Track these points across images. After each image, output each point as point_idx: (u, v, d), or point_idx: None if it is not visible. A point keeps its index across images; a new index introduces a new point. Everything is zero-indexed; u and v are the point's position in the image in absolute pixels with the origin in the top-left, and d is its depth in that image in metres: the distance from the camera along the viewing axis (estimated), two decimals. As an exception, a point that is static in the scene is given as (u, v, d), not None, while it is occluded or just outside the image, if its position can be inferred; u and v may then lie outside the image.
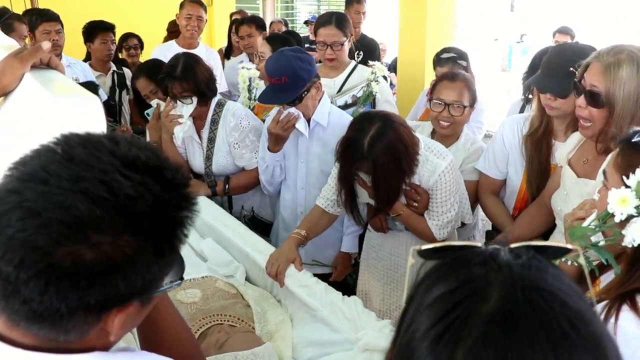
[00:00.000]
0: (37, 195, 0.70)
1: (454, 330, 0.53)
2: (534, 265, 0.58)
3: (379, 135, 1.93)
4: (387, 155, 1.92)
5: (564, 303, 0.54)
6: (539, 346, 0.51)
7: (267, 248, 2.20)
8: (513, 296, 0.54)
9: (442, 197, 2.12)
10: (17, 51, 1.24)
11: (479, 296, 0.55)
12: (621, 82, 1.60)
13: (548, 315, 0.53)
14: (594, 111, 1.67)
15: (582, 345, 0.53)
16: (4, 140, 1.18)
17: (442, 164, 2.08)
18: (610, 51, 1.65)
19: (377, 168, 1.93)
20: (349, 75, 3.12)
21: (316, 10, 13.25)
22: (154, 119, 2.88)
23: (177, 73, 2.59)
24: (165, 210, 0.76)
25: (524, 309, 0.53)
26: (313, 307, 1.89)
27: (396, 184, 2.02)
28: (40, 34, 3.79)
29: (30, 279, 0.69)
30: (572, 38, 5.66)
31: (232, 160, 2.77)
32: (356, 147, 1.94)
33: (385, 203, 2.08)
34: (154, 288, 0.80)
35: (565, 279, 0.58)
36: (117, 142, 0.78)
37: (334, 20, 3.05)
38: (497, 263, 0.57)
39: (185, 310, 1.95)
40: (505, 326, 0.52)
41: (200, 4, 4.06)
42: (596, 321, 0.56)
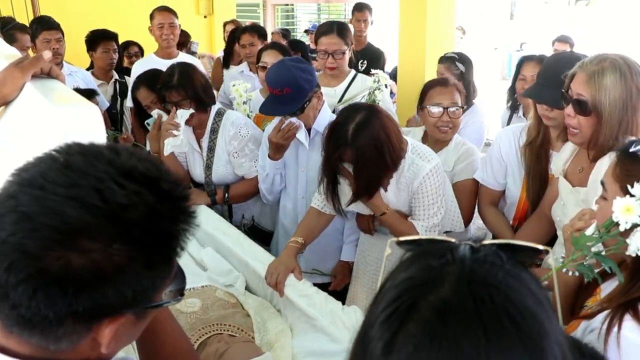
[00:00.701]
0: (32, 201, 0.70)
1: (400, 313, 0.58)
2: (489, 261, 0.60)
3: (363, 123, 1.96)
4: (370, 142, 1.94)
5: (508, 298, 0.57)
6: (474, 336, 0.54)
7: (267, 257, 2.20)
8: (459, 288, 0.57)
9: (428, 201, 2.12)
10: (17, 61, 1.24)
11: (430, 285, 0.58)
12: (606, 90, 1.63)
13: (488, 308, 0.55)
14: (582, 119, 1.69)
15: (519, 341, 0.55)
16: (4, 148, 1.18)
17: (427, 167, 2.09)
18: (594, 60, 1.68)
19: (359, 155, 1.95)
20: (349, 84, 3.13)
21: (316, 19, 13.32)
22: (154, 129, 2.88)
23: (173, 82, 2.60)
24: (159, 221, 0.75)
25: (466, 301, 0.56)
26: (313, 317, 1.88)
27: (377, 174, 2.02)
28: (40, 43, 3.80)
29: (19, 283, 0.69)
30: (572, 47, 5.68)
31: (231, 169, 2.76)
32: (340, 133, 1.97)
33: (363, 191, 2.06)
34: (146, 300, 0.78)
35: (524, 278, 0.60)
36: (118, 152, 0.78)
37: (335, 29, 3.06)
38: (453, 256, 0.61)
39: (185, 320, 1.95)
40: (445, 315, 0.55)
41: (169, 11, 3.96)
42: (543, 321, 0.57)
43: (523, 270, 0.62)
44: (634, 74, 1.64)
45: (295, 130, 2.38)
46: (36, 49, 3.84)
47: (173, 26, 3.92)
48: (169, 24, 3.89)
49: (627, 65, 1.65)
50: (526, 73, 3.15)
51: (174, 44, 3.98)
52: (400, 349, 0.56)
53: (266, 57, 3.19)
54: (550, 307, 0.61)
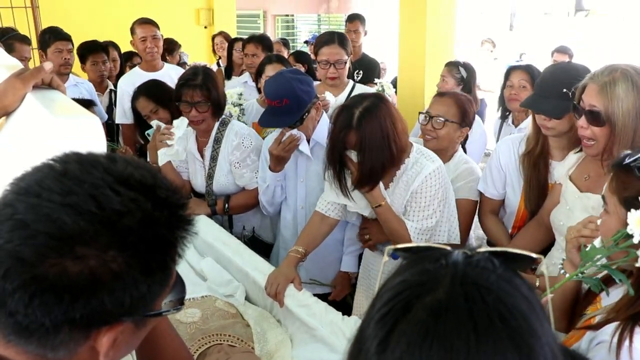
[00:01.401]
0: (28, 208, 0.70)
1: (395, 313, 0.60)
2: (481, 265, 0.63)
3: (370, 108, 1.98)
4: (376, 128, 1.97)
5: (499, 299, 0.59)
6: (465, 334, 0.56)
7: (267, 267, 2.20)
8: (452, 289, 0.60)
9: (425, 201, 2.11)
10: (19, 72, 1.25)
11: (425, 287, 0.61)
12: (619, 100, 1.64)
13: (479, 307, 0.58)
14: (596, 130, 1.70)
15: (508, 338, 0.57)
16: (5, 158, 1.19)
17: (430, 167, 2.09)
18: (605, 71, 1.69)
19: (364, 140, 1.96)
20: (349, 94, 3.14)
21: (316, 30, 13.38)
22: (153, 140, 2.88)
23: (197, 81, 2.60)
24: (155, 228, 0.75)
25: (458, 301, 0.58)
26: (313, 327, 1.88)
27: (381, 161, 2.01)
28: (52, 53, 3.83)
29: (15, 290, 0.69)
30: (571, 57, 5.71)
31: (233, 179, 2.76)
32: (347, 116, 1.99)
33: (367, 178, 2.05)
34: (144, 308, 0.78)
35: (515, 282, 0.62)
36: (115, 160, 0.78)
37: (336, 39, 3.08)
38: (447, 261, 0.64)
39: (185, 330, 1.94)
40: (438, 314, 0.58)
41: (151, 23, 3.88)
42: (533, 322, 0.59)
43: (514, 275, 0.64)
44: None
45: (296, 142, 2.39)
46: (46, 58, 3.86)
47: (156, 38, 3.87)
48: (151, 36, 3.83)
49: (638, 74, 1.66)
50: (514, 80, 3.26)
51: (158, 56, 3.95)
52: (394, 348, 0.58)
53: (270, 71, 3.20)
54: (542, 311, 0.62)
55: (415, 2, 4.69)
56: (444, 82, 3.41)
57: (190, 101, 2.61)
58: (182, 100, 2.63)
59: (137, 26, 3.86)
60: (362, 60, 4.83)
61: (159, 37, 3.90)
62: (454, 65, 3.43)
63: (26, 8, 5.58)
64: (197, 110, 2.62)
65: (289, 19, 14.07)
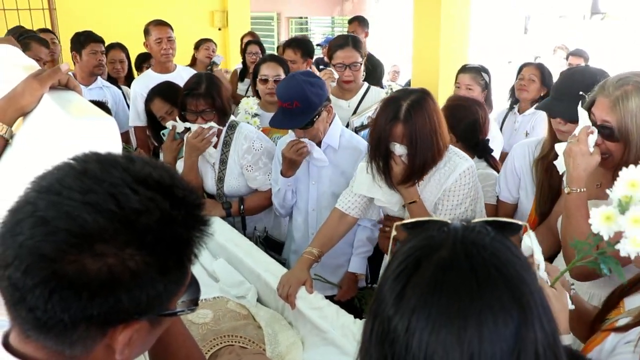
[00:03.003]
0: (49, 206, 0.72)
1: (407, 270, 0.71)
2: (477, 230, 0.75)
3: (419, 101, 1.98)
4: (425, 121, 1.96)
5: (494, 254, 0.71)
6: (467, 282, 0.68)
7: (279, 269, 2.20)
8: (454, 248, 0.71)
9: (457, 200, 2.11)
10: (36, 73, 1.26)
11: (431, 248, 0.72)
12: (632, 114, 1.60)
13: (477, 261, 0.70)
14: (611, 145, 1.67)
15: (504, 285, 0.68)
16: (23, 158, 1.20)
17: (464, 164, 2.10)
18: (616, 83, 1.64)
19: (414, 133, 1.95)
20: (363, 96, 3.14)
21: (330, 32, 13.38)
22: (168, 140, 2.89)
23: (201, 90, 2.60)
24: (172, 227, 0.76)
25: (459, 256, 0.70)
26: (324, 330, 1.88)
27: (430, 155, 2.01)
28: (87, 54, 3.93)
29: (35, 286, 0.70)
30: (586, 61, 5.66)
31: (244, 182, 2.76)
32: (394, 108, 1.98)
33: (419, 171, 2.03)
34: (160, 307, 0.79)
35: (506, 243, 0.74)
36: (133, 160, 0.80)
37: (350, 42, 3.09)
38: (448, 228, 0.76)
39: (197, 331, 1.95)
40: (444, 269, 0.69)
41: (165, 24, 3.89)
42: (522, 273, 0.71)
43: (505, 238, 0.76)
44: None
45: (306, 148, 2.38)
46: (80, 59, 3.96)
47: (171, 40, 3.88)
48: (166, 38, 3.83)
49: None
50: (525, 73, 3.63)
51: (172, 58, 3.96)
52: (409, 298, 0.69)
53: (265, 70, 3.20)
54: (529, 266, 0.74)
55: (430, 5, 4.69)
56: (471, 90, 3.31)
57: (195, 110, 2.62)
58: (187, 109, 2.65)
59: (152, 27, 3.87)
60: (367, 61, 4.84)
61: (174, 39, 3.91)
62: (477, 72, 3.36)
63: (43, 10, 5.64)
64: (203, 119, 2.63)
65: (303, 21, 14.07)
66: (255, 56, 4.95)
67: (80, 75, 3.97)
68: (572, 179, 1.67)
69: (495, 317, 0.66)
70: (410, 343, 0.67)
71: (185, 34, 5.50)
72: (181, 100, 2.68)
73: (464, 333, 0.65)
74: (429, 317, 0.67)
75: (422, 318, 0.67)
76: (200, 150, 2.68)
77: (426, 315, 0.67)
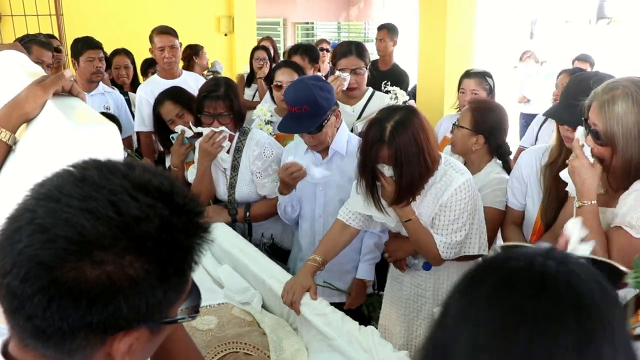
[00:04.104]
0: (48, 213, 0.71)
1: (475, 284, 0.71)
2: (563, 254, 0.71)
3: (403, 121, 1.94)
4: (410, 141, 1.93)
5: (571, 271, 0.67)
6: (534, 289, 0.65)
7: (284, 275, 2.19)
8: (531, 259, 0.69)
9: (454, 215, 2.08)
10: (40, 79, 1.26)
11: (509, 260, 0.70)
12: (618, 118, 1.59)
13: (551, 272, 0.66)
14: (601, 149, 1.67)
15: (572, 304, 0.65)
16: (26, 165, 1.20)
17: (460, 179, 2.06)
18: (605, 88, 1.65)
19: (399, 154, 1.92)
20: (367, 101, 3.13)
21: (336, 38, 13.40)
22: (177, 144, 2.88)
23: (220, 92, 2.59)
24: (172, 234, 0.75)
25: (534, 265, 0.68)
26: (329, 337, 1.87)
27: (417, 175, 1.97)
28: (84, 61, 3.88)
29: (34, 293, 0.69)
30: (592, 66, 5.64)
31: (255, 189, 2.75)
32: (379, 130, 1.95)
33: (406, 192, 2.00)
34: (160, 314, 0.78)
35: (592, 270, 0.69)
36: (133, 167, 0.79)
37: (354, 50, 3.08)
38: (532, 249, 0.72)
39: (201, 338, 1.94)
40: (515, 274, 0.68)
41: (169, 32, 3.88)
42: (602, 304, 0.66)
43: (594, 268, 0.71)
44: None
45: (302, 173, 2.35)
46: (78, 66, 3.92)
47: (174, 48, 3.87)
48: (169, 46, 3.83)
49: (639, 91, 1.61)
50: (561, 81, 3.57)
51: (175, 65, 3.96)
52: (470, 310, 0.69)
53: (280, 76, 3.19)
54: (617, 302, 0.70)
55: (435, 10, 4.68)
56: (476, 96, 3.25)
57: (213, 113, 2.61)
58: (204, 112, 2.62)
59: (156, 35, 3.87)
60: (392, 70, 4.83)
61: (177, 46, 3.92)
62: (482, 77, 3.34)
63: (51, 16, 5.68)
64: (219, 122, 2.61)
65: (309, 26, 14.11)
66: (262, 62, 4.96)
67: (80, 81, 3.93)
68: (581, 194, 1.68)
69: (551, 338, 0.63)
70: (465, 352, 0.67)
71: (191, 39, 5.52)
72: (198, 103, 2.65)
73: (516, 345, 0.63)
74: (478, 327, 0.66)
75: (473, 328, 0.66)
76: (211, 155, 2.65)
77: (476, 324, 0.66)
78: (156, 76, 4.04)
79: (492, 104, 2.67)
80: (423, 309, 2.31)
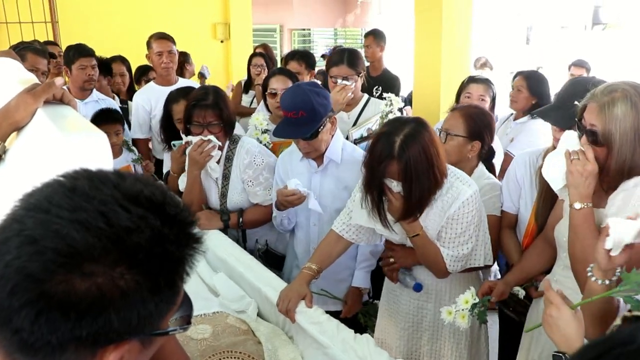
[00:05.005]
0: (37, 224, 0.70)
1: None
2: None
3: (412, 135, 1.89)
4: (421, 156, 1.88)
5: None
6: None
7: (279, 284, 2.18)
8: None
9: (461, 227, 2.05)
10: (30, 87, 1.25)
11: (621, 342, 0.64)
12: (617, 120, 1.62)
13: None
14: (596, 149, 1.69)
15: None
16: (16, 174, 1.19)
17: (468, 192, 2.03)
18: (605, 90, 1.67)
19: (409, 169, 1.88)
20: (362, 108, 3.13)
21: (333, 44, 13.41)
22: (179, 152, 2.85)
23: (209, 101, 2.56)
24: (163, 245, 0.74)
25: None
26: (324, 345, 1.85)
27: (428, 189, 1.94)
28: (76, 69, 3.87)
29: (22, 306, 0.68)
30: (588, 71, 5.66)
31: (247, 198, 2.73)
32: (387, 144, 1.90)
33: (416, 207, 1.97)
34: (152, 326, 0.77)
35: None
36: (124, 177, 0.78)
37: (345, 59, 3.06)
38: None
39: (195, 347, 1.92)
40: None
41: (167, 38, 3.92)
42: None
43: None
44: None
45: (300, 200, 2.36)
46: (71, 74, 3.91)
47: (172, 54, 3.90)
48: (167, 51, 3.86)
49: (638, 94, 1.64)
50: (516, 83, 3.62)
51: (173, 71, 3.97)
52: None
53: (275, 84, 3.18)
54: None
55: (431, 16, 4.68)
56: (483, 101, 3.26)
57: (202, 122, 2.57)
58: (193, 121, 2.59)
59: (154, 41, 3.89)
60: (382, 75, 4.83)
61: (175, 52, 3.93)
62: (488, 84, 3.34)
63: (46, 23, 5.68)
64: (209, 131, 2.57)
65: (306, 33, 14.12)
66: (260, 68, 4.96)
67: (72, 89, 3.93)
68: (583, 196, 1.69)
69: None
70: None
71: (188, 46, 5.52)
72: (187, 112, 2.61)
73: None
74: None
75: None
76: (200, 164, 2.62)
77: None
78: (152, 83, 4.04)
79: (479, 108, 2.65)
80: (424, 321, 2.29)
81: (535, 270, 2.18)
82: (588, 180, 1.68)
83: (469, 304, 1.96)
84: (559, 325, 1.35)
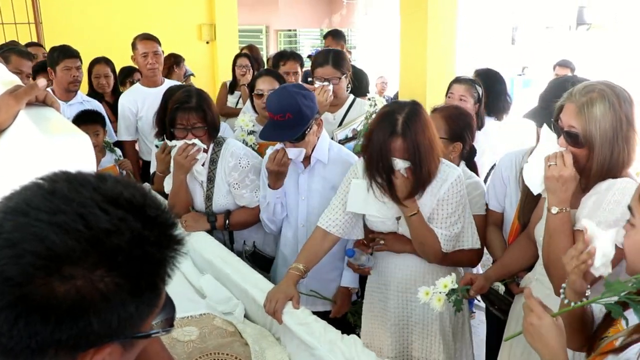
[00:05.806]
0: (15, 227, 0.69)
1: None
2: None
3: (414, 113, 1.98)
4: (422, 132, 1.96)
5: None
6: None
7: (266, 285, 2.17)
8: None
9: (451, 208, 2.12)
10: (12, 89, 1.24)
11: None
12: (596, 121, 1.64)
13: None
14: (576, 150, 1.70)
15: None
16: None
17: (455, 173, 2.11)
18: (582, 90, 1.69)
19: (414, 145, 1.95)
20: (348, 109, 3.13)
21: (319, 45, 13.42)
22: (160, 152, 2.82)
23: (192, 103, 2.53)
24: (144, 247, 0.73)
25: None
26: (312, 346, 1.85)
27: (432, 165, 2.02)
28: (61, 70, 3.83)
29: (0, 310, 0.67)
30: (572, 71, 5.71)
31: (232, 200, 2.72)
32: (390, 123, 1.96)
33: (423, 183, 2.02)
34: (133, 329, 0.76)
35: None
36: (104, 179, 0.77)
37: (330, 60, 3.06)
38: None
39: (182, 349, 1.91)
40: None
41: (152, 39, 3.89)
42: None
43: None
44: (622, 103, 1.66)
45: (286, 158, 2.36)
46: (55, 75, 3.87)
47: (157, 54, 3.87)
48: (152, 52, 3.84)
49: (615, 94, 1.66)
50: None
51: (159, 72, 3.94)
52: None
53: (261, 84, 3.17)
54: None
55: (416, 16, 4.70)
56: (464, 101, 3.21)
57: (185, 125, 2.54)
58: (176, 125, 2.55)
59: (139, 42, 3.86)
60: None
61: (160, 53, 3.90)
62: (472, 84, 3.30)
63: (29, 24, 5.62)
64: (193, 134, 2.54)
65: (292, 33, 14.12)
66: (245, 69, 4.97)
67: (57, 91, 3.89)
68: (560, 200, 1.70)
69: None
70: None
71: (173, 47, 5.48)
72: (170, 115, 2.57)
73: None
74: None
75: None
76: (185, 168, 2.59)
77: None
78: (138, 84, 4.01)
79: (459, 108, 2.66)
80: (413, 314, 2.30)
81: (516, 266, 2.19)
82: (565, 186, 1.69)
83: (447, 288, 1.99)
84: (541, 333, 1.31)
